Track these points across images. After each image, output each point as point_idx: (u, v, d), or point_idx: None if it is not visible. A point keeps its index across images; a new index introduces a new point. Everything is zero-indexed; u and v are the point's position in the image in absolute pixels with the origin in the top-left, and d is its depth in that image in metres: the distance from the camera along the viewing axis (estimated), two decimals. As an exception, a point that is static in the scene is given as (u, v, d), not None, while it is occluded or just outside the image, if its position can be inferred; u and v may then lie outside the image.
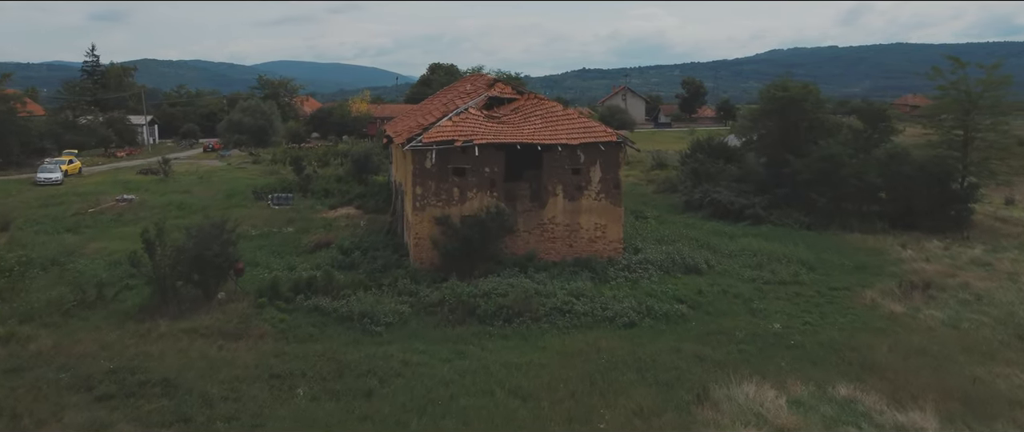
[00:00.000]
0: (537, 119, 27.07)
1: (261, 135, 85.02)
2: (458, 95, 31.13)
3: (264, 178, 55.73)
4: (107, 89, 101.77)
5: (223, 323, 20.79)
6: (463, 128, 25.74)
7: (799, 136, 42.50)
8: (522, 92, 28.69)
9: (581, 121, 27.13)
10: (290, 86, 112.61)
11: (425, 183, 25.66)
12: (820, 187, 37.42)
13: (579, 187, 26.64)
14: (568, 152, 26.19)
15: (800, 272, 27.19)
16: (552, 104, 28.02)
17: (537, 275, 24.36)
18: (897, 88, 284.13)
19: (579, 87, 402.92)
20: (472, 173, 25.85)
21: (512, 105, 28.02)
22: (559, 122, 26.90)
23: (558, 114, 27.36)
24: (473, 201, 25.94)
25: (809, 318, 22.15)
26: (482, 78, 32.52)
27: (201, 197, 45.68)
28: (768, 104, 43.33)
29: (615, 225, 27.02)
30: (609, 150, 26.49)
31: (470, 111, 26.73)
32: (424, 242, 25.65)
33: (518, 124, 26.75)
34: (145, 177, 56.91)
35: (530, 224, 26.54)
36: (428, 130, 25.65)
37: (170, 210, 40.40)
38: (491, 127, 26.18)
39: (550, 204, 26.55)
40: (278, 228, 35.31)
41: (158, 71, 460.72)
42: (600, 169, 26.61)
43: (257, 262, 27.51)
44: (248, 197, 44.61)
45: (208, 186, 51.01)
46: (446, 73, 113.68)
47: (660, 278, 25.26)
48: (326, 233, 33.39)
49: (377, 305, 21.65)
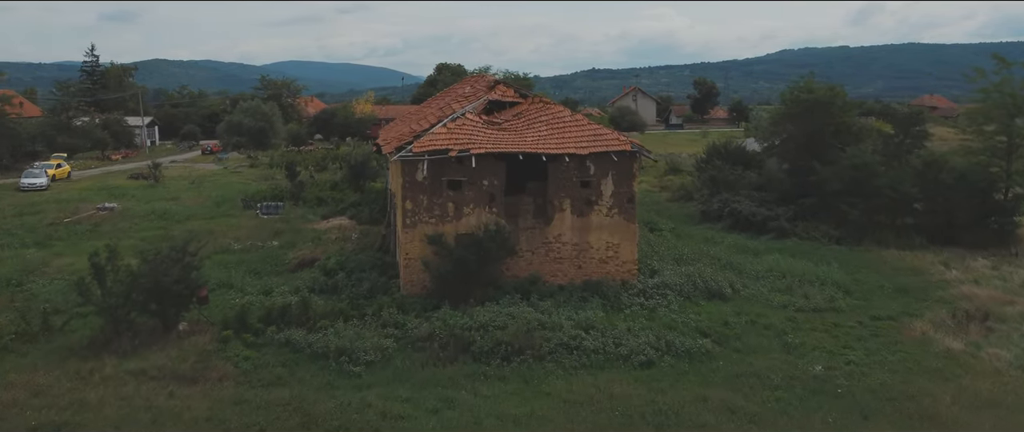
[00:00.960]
0: (542, 125, 24.29)
1: (261, 137, 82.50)
2: (456, 98, 28.39)
3: (258, 184, 53.16)
4: (107, 89, 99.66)
5: (178, 362, 18.10)
6: (459, 135, 22.99)
7: (824, 141, 39.55)
8: (525, 95, 25.91)
9: (591, 128, 24.34)
10: (293, 86, 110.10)
11: (416, 197, 22.93)
12: (851, 198, 34.43)
13: (589, 202, 23.84)
14: (576, 163, 23.40)
15: (836, 297, 24.28)
16: (558, 108, 25.24)
17: (541, 303, 21.56)
18: (910, 88, 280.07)
19: (589, 87, 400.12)
20: (469, 186, 23.09)
21: (514, 110, 25.26)
22: (567, 129, 24.11)
23: (565, 120, 24.58)
24: (470, 218, 23.19)
25: (853, 356, 19.25)
26: (482, 79, 29.79)
27: (188, 205, 43.13)
28: (791, 107, 40.35)
29: (629, 244, 24.19)
30: (622, 160, 23.68)
31: (467, 116, 23.99)
32: (414, 264, 22.91)
33: (521, 131, 23.98)
34: (135, 182, 54.46)
35: (534, 243, 23.76)
36: (419, 138, 22.92)
37: (152, 220, 37.87)
38: (490, 134, 23.42)
39: (556, 221, 23.76)
40: (263, 241, 32.67)
41: (169, 72, 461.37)
42: (612, 181, 23.80)
43: (231, 283, 24.85)
44: (238, 205, 42.03)
45: (198, 192, 48.48)
46: (453, 73, 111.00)
47: (680, 305, 22.39)
48: (312, 248, 30.73)
49: (358, 340, 18.91)
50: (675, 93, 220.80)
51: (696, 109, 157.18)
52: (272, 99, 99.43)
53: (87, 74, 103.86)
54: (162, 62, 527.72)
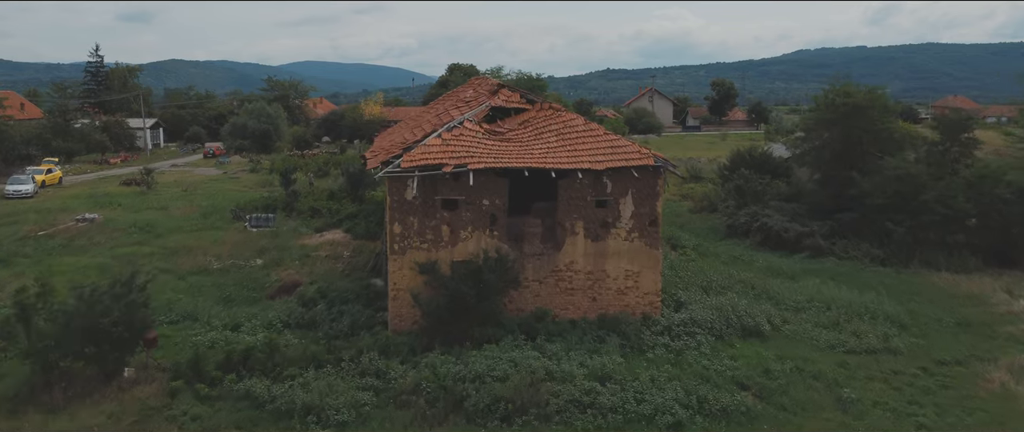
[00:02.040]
0: (551, 135, 21.17)
1: (265, 140, 79.95)
2: (455, 104, 25.33)
3: (255, 191, 50.40)
4: (111, 90, 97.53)
5: (114, 422, 15.16)
6: (455, 148, 19.92)
7: (862, 150, 36.19)
8: (533, 100, 22.77)
9: (608, 138, 21.16)
10: (301, 87, 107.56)
11: (405, 219, 19.88)
12: (895, 214, 31.06)
13: (605, 224, 20.68)
14: (591, 179, 20.27)
15: (891, 334, 20.99)
16: (570, 116, 22.09)
17: (550, 345, 18.44)
18: (929, 89, 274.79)
19: (603, 88, 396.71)
20: (466, 206, 20.01)
21: (520, 117, 22.15)
22: (580, 140, 20.98)
23: (578, 129, 21.44)
24: (467, 243, 20.12)
25: (923, 417, 16.01)
26: (486, 82, 26.72)
27: (175, 216, 40.30)
28: (826, 112, 36.91)
29: (651, 273, 21.01)
30: (644, 176, 20.51)
31: (465, 125, 20.90)
32: (403, 296, 19.85)
33: (527, 142, 20.88)
34: (128, 188, 51.80)
35: (542, 272, 20.64)
36: (410, 150, 19.86)
37: (131, 234, 35.05)
38: (492, 146, 20.33)
39: (568, 246, 20.62)
40: (246, 260, 29.75)
41: (185, 72, 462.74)
42: (632, 201, 20.63)
43: (197, 314, 21.90)
44: (227, 216, 39.16)
45: (189, 201, 45.68)
46: (465, 74, 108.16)
47: (712, 347, 19.18)
48: (298, 269, 27.80)
49: (329, 394, 15.88)
50: (690, 94, 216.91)
51: (714, 111, 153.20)
52: (279, 100, 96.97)
53: (91, 75, 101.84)
54: (178, 62, 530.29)
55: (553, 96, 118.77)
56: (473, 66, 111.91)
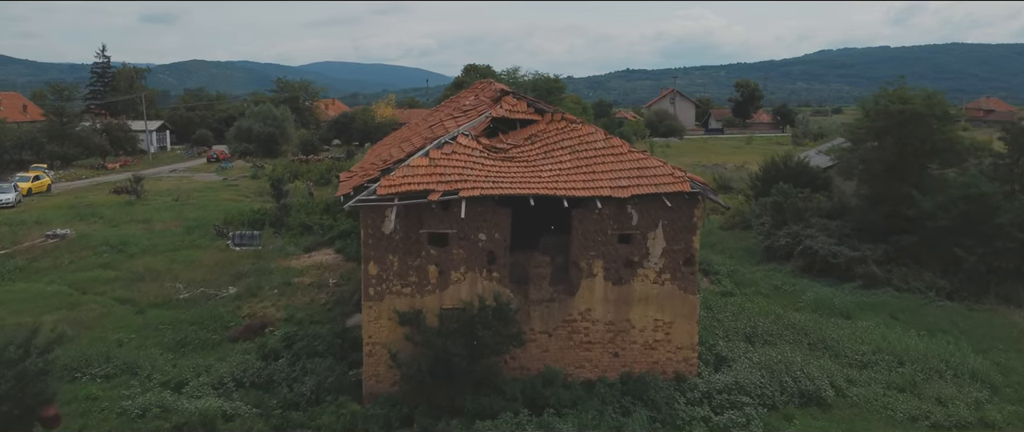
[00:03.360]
0: (564, 153, 17.36)
1: (270, 144, 76.84)
2: (453, 113, 21.55)
3: (250, 200, 47.13)
4: (117, 91, 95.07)
5: None
6: (446, 169, 16.17)
7: (918, 163, 31.99)
8: (543, 111, 18.93)
9: (633, 157, 17.30)
10: (311, 89, 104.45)
11: (383, 258, 16.16)
12: (965, 238, 26.87)
13: (630, 263, 16.83)
14: (613, 209, 16.44)
15: (982, 400, 16.97)
16: (588, 130, 18.22)
17: (560, 424, 14.62)
18: (955, 90, 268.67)
19: (623, 88, 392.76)
20: (459, 242, 16.26)
21: (527, 131, 18.33)
22: (599, 159, 17.15)
23: (597, 146, 17.59)
24: (459, 286, 16.37)
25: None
26: (489, 87, 22.80)
27: (156, 231, 36.98)
28: (878, 120, 32.67)
29: (686, 323, 17.12)
30: (679, 206, 16.63)
31: (459, 141, 17.13)
32: (380, 353, 16.14)
33: (534, 162, 17.08)
34: (117, 197, 48.71)
35: (551, 321, 16.84)
36: (390, 173, 16.15)
37: (102, 254, 31.66)
38: (491, 167, 16.57)
39: (584, 290, 16.79)
40: (217, 288, 26.22)
41: (206, 72, 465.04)
42: (664, 235, 16.76)
43: (138, 366, 18.29)
44: (212, 232, 35.73)
45: (177, 212, 42.41)
46: (480, 75, 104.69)
47: (765, 424, 15.27)
48: (273, 302, 24.22)
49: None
50: (712, 94, 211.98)
51: (738, 113, 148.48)
52: (288, 102, 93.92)
53: (98, 75, 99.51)
54: (199, 63, 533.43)
55: (572, 98, 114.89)
56: (489, 67, 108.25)
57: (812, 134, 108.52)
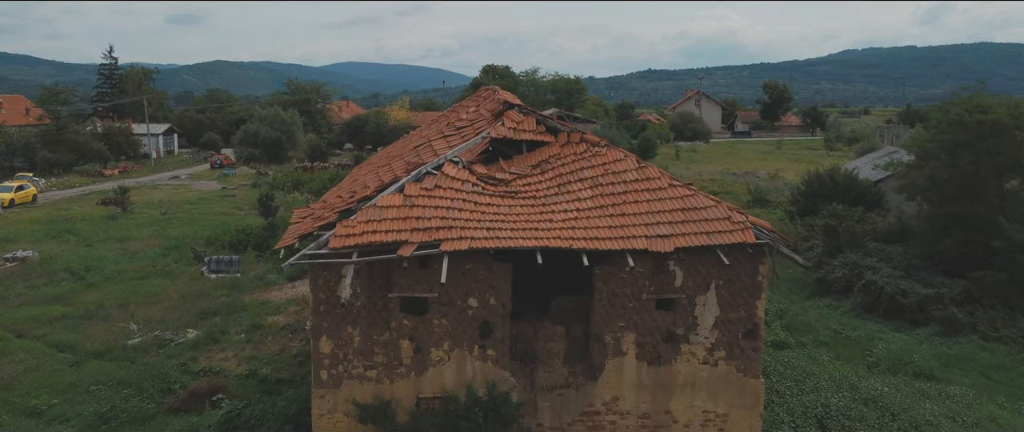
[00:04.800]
0: (585, 187, 13.17)
1: (276, 149, 73.35)
2: (443, 130, 17.35)
3: (245, 214, 43.46)
4: (125, 93, 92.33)
5: None
6: (426, 210, 12.07)
7: (998, 182, 27.44)
8: (557, 129, 14.71)
9: (676, 193, 13.04)
10: (323, 90, 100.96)
11: (339, 332, 12.09)
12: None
13: (671, 337, 12.59)
14: (650, 265, 12.23)
15: None
16: (615, 156, 13.96)
17: None
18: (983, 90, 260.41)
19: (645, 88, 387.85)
20: (442, 309, 12.14)
21: (537, 155, 14.13)
22: (631, 196, 12.93)
23: (629, 178, 13.35)
24: (443, 369, 12.23)
25: None
26: (492, 96, 18.52)
27: (131, 251, 33.34)
28: (950, 132, 28.04)
29: (747, 416, 12.83)
30: (739, 260, 12.38)
31: (446, 170, 12.98)
32: (334, 459, 12.07)
33: (545, 198, 12.92)
34: (103, 210, 45.28)
35: (566, 414, 12.64)
36: (349, 216, 12.06)
37: (59, 282, 27.95)
38: (488, 207, 12.43)
39: (610, 373, 12.57)
40: (176, 331, 22.30)
41: (229, 73, 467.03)
42: (718, 300, 12.51)
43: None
44: (189, 255, 31.97)
45: (160, 229, 38.77)
46: (498, 76, 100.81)
47: None
48: (234, 356, 20.25)
49: None
50: (735, 95, 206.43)
51: (766, 115, 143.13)
52: (298, 105, 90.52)
53: (105, 77, 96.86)
54: (223, 63, 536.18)
55: (593, 100, 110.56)
56: (508, 67, 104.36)
57: (845, 138, 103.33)
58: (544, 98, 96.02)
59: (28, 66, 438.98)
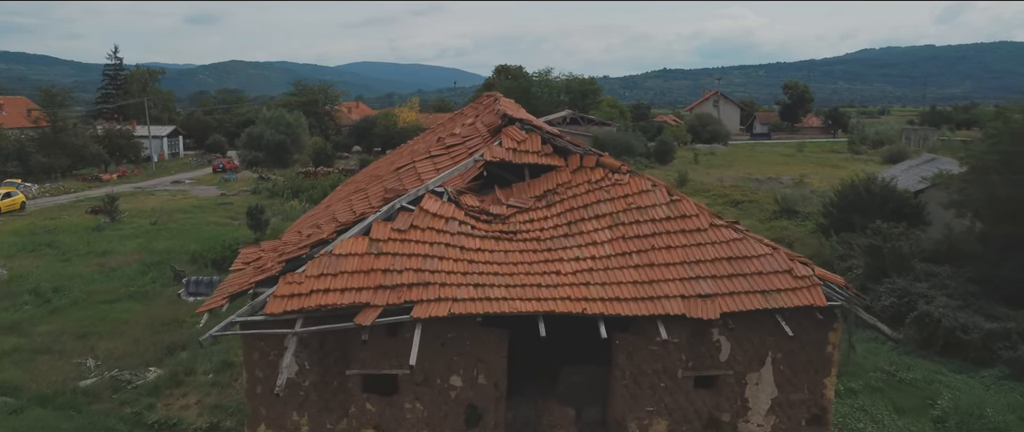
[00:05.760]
0: (602, 226, 10.35)
1: (281, 153, 71.01)
2: (430, 148, 14.54)
3: (241, 224, 40.93)
4: (130, 95, 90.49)
5: None
6: (397, 259, 9.30)
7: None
8: (567, 152, 11.83)
9: (717, 235, 10.19)
10: (331, 92, 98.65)
11: (281, 420, 9.35)
12: None
13: (714, 423, 9.74)
14: (687, 333, 9.40)
15: None
16: (641, 185, 11.09)
17: None
18: (1002, 89, 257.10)
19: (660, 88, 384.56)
20: (415, 389, 9.37)
21: (542, 183, 11.31)
22: (662, 239, 10.10)
23: (658, 215, 10.50)
24: (417, 467, 9.48)
25: None
26: (491, 107, 15.58)
27: (108, 267, 30.77)
28: (1012, 143, 24.91)
29: (810, 525, 9.99)
30: (802, 328, 9.52)
31: (426, 204, 10.21)
32: None
33: (551, 240, 10.11)
34: (93, 218, 42.96)
35: (576, 521, 9.86)
36: (300, 265, 9.32)
37: (21, 306, 25.31)
38: (477, 254, 9.65)
39: (632, 469, 9.77)
40: (134, 370, 19.65)
41: (245, 73, 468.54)
42: (775, 378, 9.66)
43: None
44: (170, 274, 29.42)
45: (146, 241, 36.25)
46: (512, 76, 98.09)
47: None
48: (196, 402, 17.57)
49: None
50: (751, 95, 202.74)
51: (785, 116, 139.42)
52: (305, 106, 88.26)
53: (110, 78, 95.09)
54: (239, 63, 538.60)
55: (608, 101, 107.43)
56: (521, 68, 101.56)
57: (870, 141, 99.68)
58: (558, 99, 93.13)
59: (47, 66, 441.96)
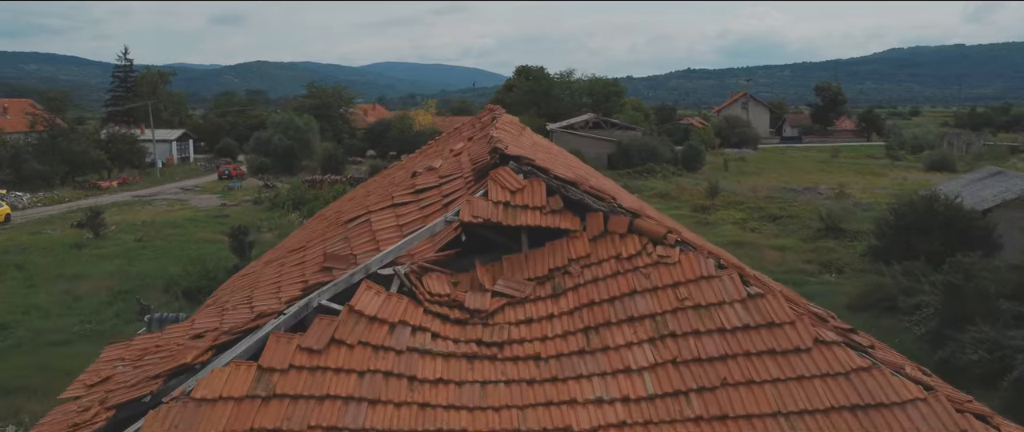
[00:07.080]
0: (639, 338, 6.49)
1: (289, 159, 67.90)
2: (406, 191, 10.73)
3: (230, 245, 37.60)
4: (139, 97, 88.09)
5: None
6: (299, 408, 5.55)
7: None
8: (588, 208, 7.95)
9: (825, 360, 6.36)
10: (345, 94, 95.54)
11: None
12: None
13: None
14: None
15: None
16: (694, 268, 7.04)
17: None
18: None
19: (684, 88, 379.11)
20: None
21: (545, 257, 7.47)
22: (737, 362, 6.23)
23: (727, 320, 6.63)
24: None
25: None
26: (489, 124, 11.69)
27: (74, 299, 27.59)
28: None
29: None
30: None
31: (359, 303, 6.47)
32: None
33: (559, 361, 6.29)
34: (74, 233, 40.04)
35: None
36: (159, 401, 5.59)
37: (-42, 346, 22.17)
38: (437, 386, 5.88)
39: None
40: (58, 445, 16.21)
41: (269, 74, 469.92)
42: None
43: None
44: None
45: (124, 263, 33.09)
46: (532, 78, 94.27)
47: None
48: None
49: None
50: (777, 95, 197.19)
51: (817, 119, 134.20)
52: (318, 109, 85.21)
53: (120, 80, 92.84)
54: (264, 64, 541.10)
55: (632, 103, 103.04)
56: (542, 68, 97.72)
57: (908, 145, 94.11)
58: (580, 101, 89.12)
59: (76, 66, 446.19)
